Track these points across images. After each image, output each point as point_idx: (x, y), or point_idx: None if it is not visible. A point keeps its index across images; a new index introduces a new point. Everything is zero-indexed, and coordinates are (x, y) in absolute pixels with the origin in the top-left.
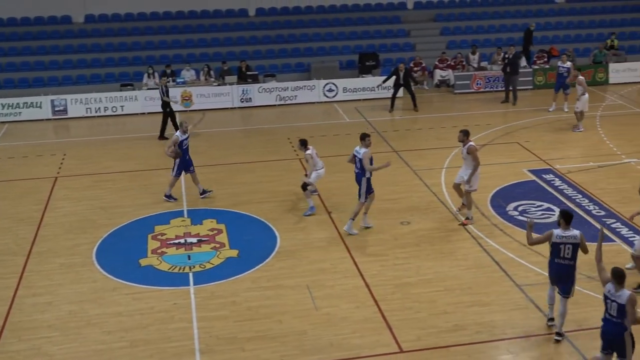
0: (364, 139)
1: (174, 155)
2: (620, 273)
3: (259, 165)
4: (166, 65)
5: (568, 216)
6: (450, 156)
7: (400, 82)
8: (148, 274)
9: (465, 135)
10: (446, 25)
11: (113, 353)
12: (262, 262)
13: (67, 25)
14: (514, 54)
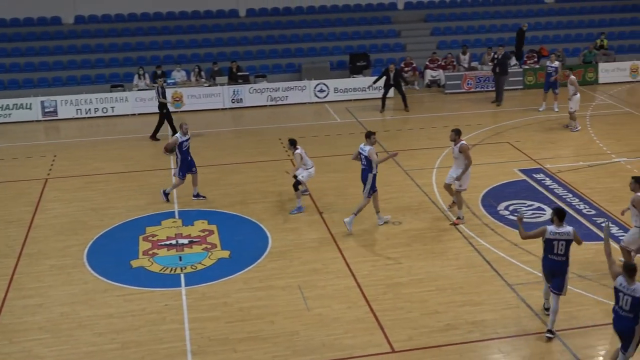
0: (369, 136)
1: (166, 151)
2: (631, 267)
3: (250, 166)
4: (157, 66)
5: (561, 213)
6: (442, 156)
7: (390, 82)
8: (139, 275)
9: (457, 134)
10: (437, 25)
11: (104, 355)
12: (253, 263)
13: (57, 26)
14: (503, 54)
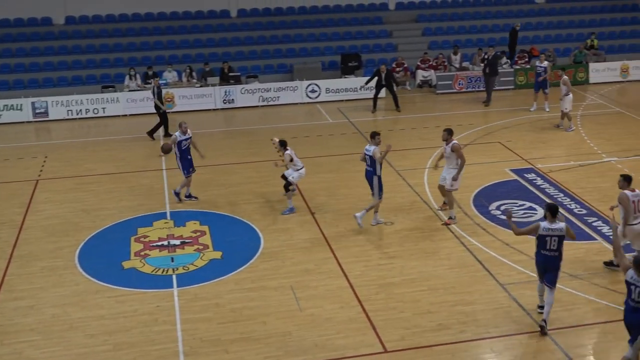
0: (374, 137)
1: (163, 151)
2: None
3: (242, 167)
4: (148, 66)
5: (554, 209)
6: (433, 156)
7: (382, 82)
8: (131, 276)
9: (449, 133)
10: (428, 25)
11: (96, 356)
12: (245, 264)
13: (48, 26)
14: (493, 55)
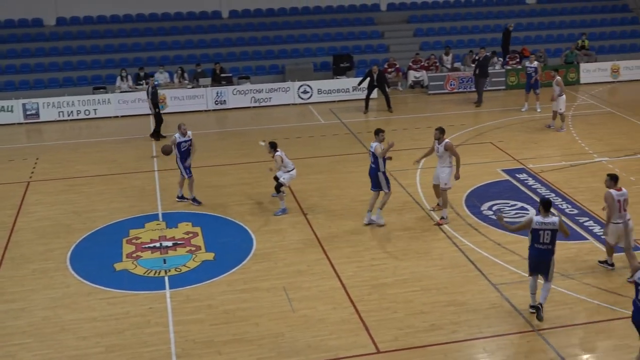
0: (378, 133)
1: (164, 151)
2: None
3: (234, 168)
4: (139, 68)
5: (547, 203)
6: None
7: (374, 83)
8: (123, 278)
9: (441, 132)
10: (419, 26)
11: (88, 359)
12: (238, 265)
13: (39, 28)
14: (484, 57)
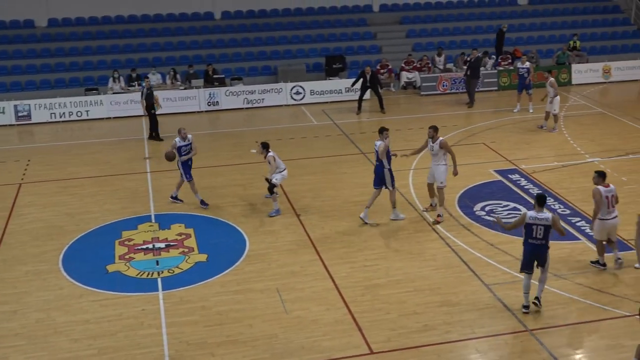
0: (382, 132)
1: (167, 157)
2: None
3: (227, 169)
4: (132, 69)
5: (541, 199)
6: (418, 157)
7: (367, 84)
8: (116, 280)
9: (435, 131)
10: (412, 27)
11: None
12: (231, 266)
13: (30, 29)
14: (476, 58)
